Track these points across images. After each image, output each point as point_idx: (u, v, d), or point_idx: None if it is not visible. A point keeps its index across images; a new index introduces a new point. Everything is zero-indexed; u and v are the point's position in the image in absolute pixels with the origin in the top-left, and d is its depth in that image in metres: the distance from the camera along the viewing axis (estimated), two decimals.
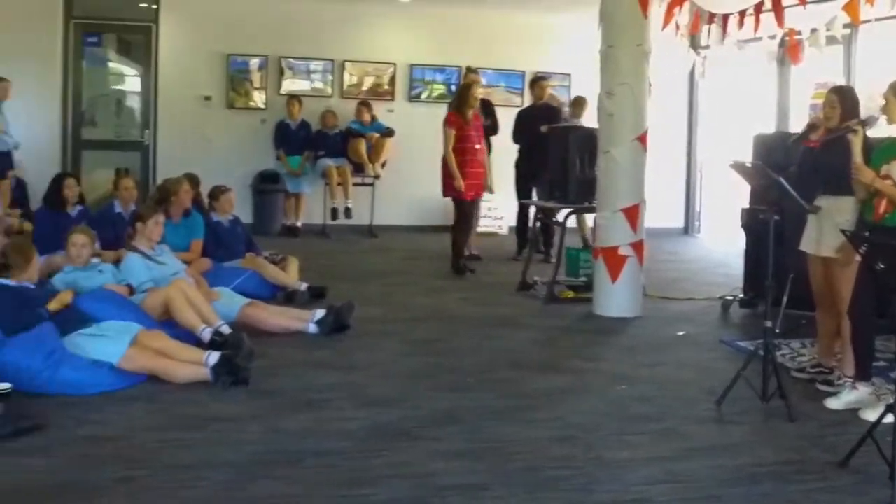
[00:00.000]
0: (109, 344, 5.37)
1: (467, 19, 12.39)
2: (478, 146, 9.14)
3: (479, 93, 9.44)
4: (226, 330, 5.98)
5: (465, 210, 9.21)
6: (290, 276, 7.85)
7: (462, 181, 8.92)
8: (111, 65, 13.08)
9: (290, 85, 12.54)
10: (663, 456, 4.28)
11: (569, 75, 12.79)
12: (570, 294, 8.02)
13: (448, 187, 9.14)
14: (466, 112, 9.04)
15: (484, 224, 11.83)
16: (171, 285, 6.16)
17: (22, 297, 5.41)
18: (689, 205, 13.68)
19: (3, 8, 11.42)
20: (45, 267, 6.47)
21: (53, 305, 5.50)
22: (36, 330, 5.27)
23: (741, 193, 7.73)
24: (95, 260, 6.49)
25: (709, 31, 7.86)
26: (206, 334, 5.88)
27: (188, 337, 5.84)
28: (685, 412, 4.99)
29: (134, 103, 12.83)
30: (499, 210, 12.30)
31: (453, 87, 12.14)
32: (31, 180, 10.78)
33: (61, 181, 7.96)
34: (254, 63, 12.42)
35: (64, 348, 5.29)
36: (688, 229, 13.65)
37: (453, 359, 6.05)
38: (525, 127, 10.06)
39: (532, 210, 9.47)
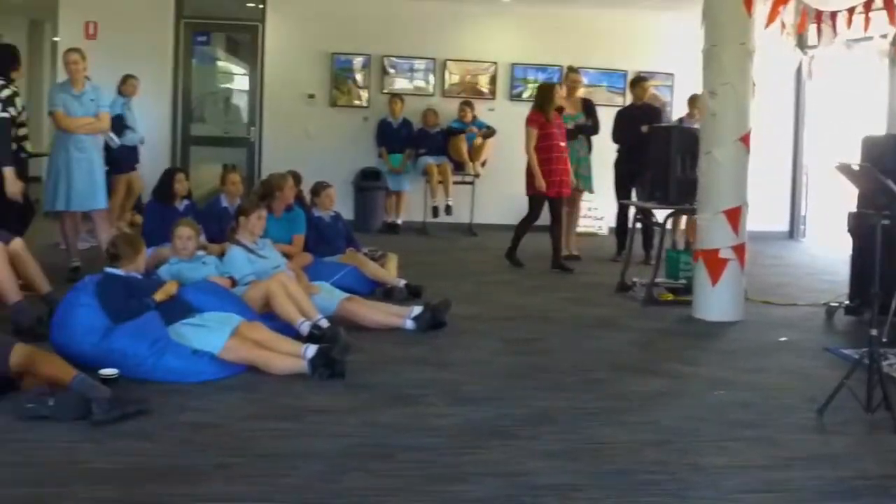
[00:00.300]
0: (211, 334, 5.46)
1: (569, 18, 12.29)
2: (562, 144, 9.16)
3: (560, 95, 9.48)
4: (324, 323, 6.03)
5: (538, 208, 9.32)
6: (389, 272, 7.90)
7: (543, 180, 8.97)
8: (219, 63, 13.43)
9: (393, 84, 12.65)
10: (761, 464, 4.16)
11: (672, 75, 12.60)
12: (670, 296, 7.88)
13: (531, 185, 9.21)
14: (549, 111, 9.08)
15: (584, 224, 11.76)
16: (272, 278, 6.26)
17: (130, 287, 5.56)
18: (794, 208, 13.32)
19: (118, 9, 11.83)
20: (152, 258, 6.65)
21: (159, 296, 5.62)
22: (142, 319, 5.39)
23: (848, 197, 7.47)
24: (200, 252, 6.64)
25: (817, 30, 7.61)
26: (305, 327, 5.95)
27: (287, 329, 5.90)
28: (785, 420, 4.84)
29: (241, 101, 13.14)
30: (599, 210, 12.18)
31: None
32: (142, 174, 11.13)
33: (172, 176, 8.16)
34: (357, 62, 12.56)
35: (168, 337, 5.39)
36: (793, 233, 13.30)
37: (549, 358, 6.01)
38: (625, 126, 9.94)
39: (632, 211, 9.35)
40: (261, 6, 12.39)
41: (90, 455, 4.10)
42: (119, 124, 10.47)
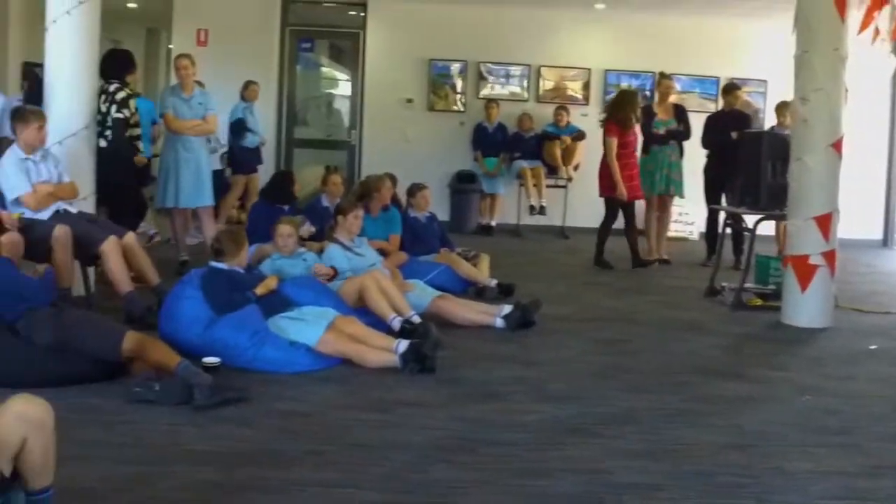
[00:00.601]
0: (308, 327, 5.53)
1: (661, 25, 12.12)
2: (637, 151, 9.31)
3: (638, 104, 9.52)
4: (416, 320, 6.07)
5: (618, 210, 9.33)
6: (482, 272, 7.90)
7: (624, 186, 9.08)
8: (322, 69, 13.63)
9: (489, 89, 12.67)
10: (846, 471, 4.03)
11: (765, 82, 12.29)
12: (759, 302, 7.70)
13: (605, 188, 9.29)
14: (627, 121, 9.12)
15: (675, 229, 11.60)
16: (367, 275, 6.33)
17: (232, 281, 5.68)
18: (888, 216, 12.87)
19: (227, 18, 12.10)
20: (256, 254, 6.76)
21: (260, 290, 5.71)
22: (243, 311, 5.50)
23: None
24: (301, 249, 6.75)
25: None
26: (396, 323, 6.00)
27: (380, 325, 5.96)
28: (873, 428, 4.68)
29: (342, 105, 13.32)
30: (690, 215, 11.99)
31: (647, 93, 11.90)
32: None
33: (287, 178, 8.32)
34: (454, 68, 12.61)
35: (267, 329, 5.49)
36: (887, 241, 12.85)
37: (635, 360, 5.96)
38: (714, 132, 9.74)
39: (722, 216, 9.18)
40: (362, 14, 12.53)
41: (191, 438, 4.21)
42: (240, 127, 10.86)
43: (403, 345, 5.42)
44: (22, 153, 6.36)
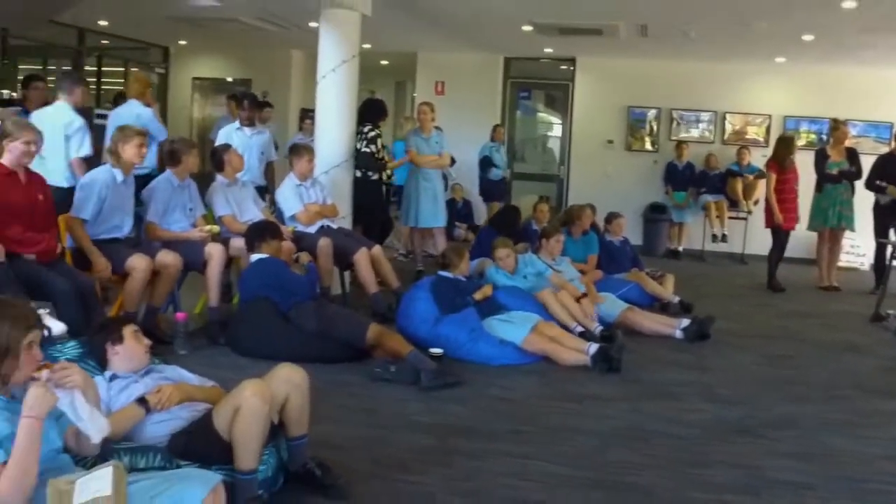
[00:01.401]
0: (516, 328, 5.59)
1: (837, 75, 11.36)
2: (795, 187, 9.06)
3: (795, 147, 9.25)
4: (598, 330, 6.09)
5: (781, 238, 9.16)
6: (666, 289, 7.71)
7: (780, 216, 8.92)
8: (538, 114, 13.70)
9: (679, 132, 12.34)
10: None
11: None
12: None
13: (769, 219, 9.11)
14: (784, 161, 8.98)
15: (846, 259, 10.89)
16: (542, 291, 6.26)
17: (456, 287, 5.83)
18: None
19: (460, 72, 12.48)
20: (477, 267, 6.88)
21: (478, 296, 5.85)
22: (464, 312, 5.61)
23: None
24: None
25: None
26: (576, 330, 5.99)
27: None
28: None
29: (554, 145, 13.33)
30: (861, 248, 11.21)
31: (823, 137, 11.22)
32: (473, 200, 11.80)
33: (514, 213, 8.41)
34: (650, 114, 12.38)
35: (482, 328, 5.58)
36: None
37: (798, 373, 5.66)
38: (882, 173, 9.07)
39: (889, 249, 8.54)
40: (571, 68, 12.51)
41: (416, 411, 4.40)
42: (488, 163, 11.27)
43: (594, 347, 5.41)
44: (296, 181, 6.71)
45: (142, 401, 3.08)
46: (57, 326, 3.89)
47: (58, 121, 5.88)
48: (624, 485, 3.58)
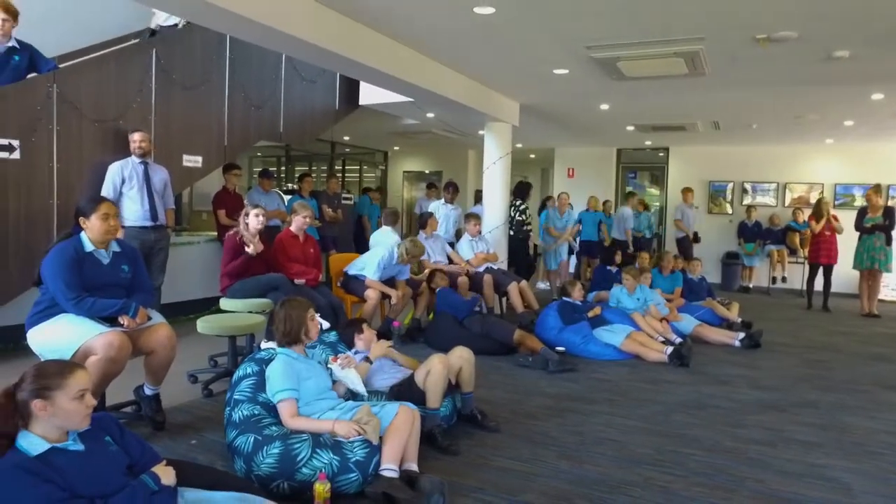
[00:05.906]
0: (616, 335, 5.75)
1: (876, 150, 10.68)
2: (827, 234, 8.86)
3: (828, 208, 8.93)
4: (677, 341, 6.08)
5: (814, 270, 9.03)
6: (732, 313, 7.58)
7: (811, 252, 8.84)
8: (644, 190, 13.66)
9: (749, 199, 11.99)
10: None
11: None
12: None
13: (811, 256, 9.10)
14: (819, 214, 8.84)
15: (889, 295, 10.19)
16: (635, 312, 6.29)
17: (574, 308, 6.04)
18: None
19: (585, 160, 12.67)
20: (596, 297, 7.15)
21: (590, 314, 6.03)
22: (578, 324, 5.83)
23: None
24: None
25: None
26: (658, 339, 5.92)
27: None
28: None
29: (654, 211, 13.22)
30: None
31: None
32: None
33: (615, 253, 8.57)
34: (728, 186, 12.14)
35: (592, 334, 5.77)
36: None
37: (829, 373, 5.44)
38: None
39: None
40: (665, 155, 12.44)
41: (544, 385, 4.68)
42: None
43: (669, 349, 5.52)
44: (469, 237, 7.15)
45: (367, 359, 3.74)
46: (324, 323, 4.63)
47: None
48: (678, 435, 3.72)
